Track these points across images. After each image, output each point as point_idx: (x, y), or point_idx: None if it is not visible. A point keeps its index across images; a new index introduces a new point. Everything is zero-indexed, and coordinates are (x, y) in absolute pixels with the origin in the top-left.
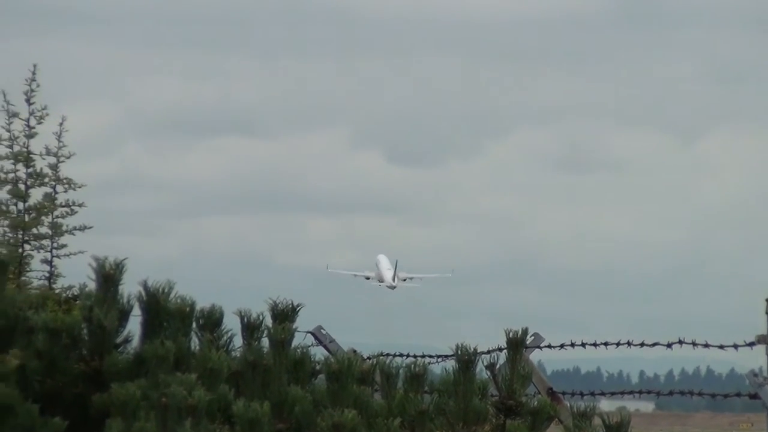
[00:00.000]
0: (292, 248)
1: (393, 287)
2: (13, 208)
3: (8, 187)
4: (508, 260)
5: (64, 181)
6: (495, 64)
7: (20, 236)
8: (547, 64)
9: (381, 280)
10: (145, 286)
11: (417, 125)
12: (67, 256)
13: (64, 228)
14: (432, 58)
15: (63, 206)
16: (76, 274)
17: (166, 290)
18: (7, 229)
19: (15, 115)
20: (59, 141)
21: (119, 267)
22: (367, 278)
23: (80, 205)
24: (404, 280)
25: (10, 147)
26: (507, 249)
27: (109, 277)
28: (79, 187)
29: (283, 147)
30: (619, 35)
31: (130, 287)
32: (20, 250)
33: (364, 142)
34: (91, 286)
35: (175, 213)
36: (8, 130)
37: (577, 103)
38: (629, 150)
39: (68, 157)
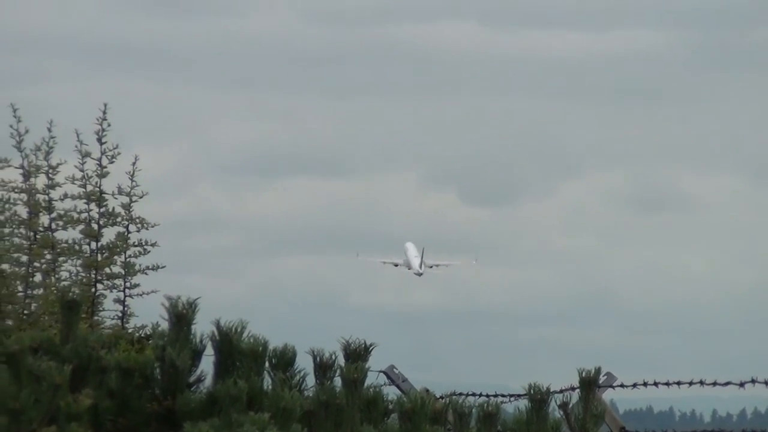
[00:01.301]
0: (365, 288)
1: (420, 274)
2: (85, 247)
3: (81, 226)
4: (581, 299)
5: (137, 220)
6: (567, 102)
7: (93, 276)
8: (620, 102)
9: (409, 267)
10: (217, 325)
11: (491, 165)
12: (140, 295)
13: (136, 267)
14: (505, 97)
15: (136, 245)
16: (148, 313)
17: (238, 329)
18: (79, 269)
19: (87, 154)
20: (132, 180)
21: (192, 306)
22: (396, 265)
23: (153, 245)
24: (431, 267)
25: (83, 186)
26: (580, 288)
27: (181, 316)
28: (152, 227)
29: (358, 187)
30: (692, 74)
31: (202, 327)
32: (93, 290)
33: (438, 182)
34: (164, 325)
35: (248, 252)
36: (81, 170)
37: (650, 142)
38: (703, 189)
39: (141, 197)
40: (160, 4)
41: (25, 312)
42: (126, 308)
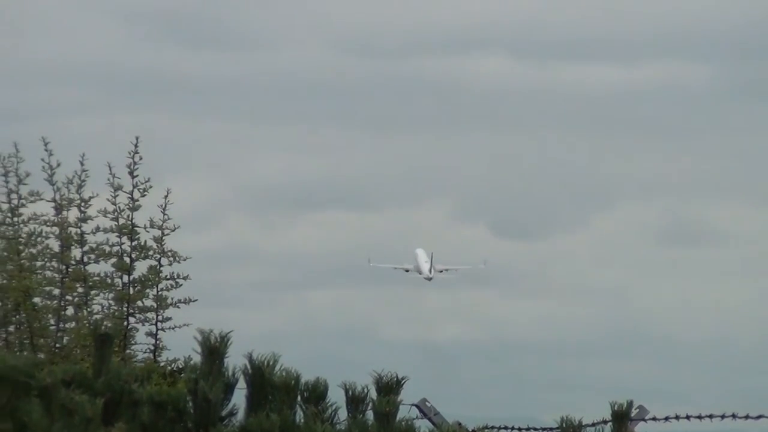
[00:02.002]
0: (396, 321)
1: (430, 278)
2: (117, 280)
3: (113, 260)
4: (612, 332)
5: (169, 253)
6: (598, 135)
7: (125, 309)
8: (651, 134)
9: (419, 272)
10: (250, 358)
11: (521, 198)
12: (172, 329)
13: (168, 301)
14: (534, 130)
15: (168, 279)
16: (180, 346)
17: (271, 363)
18: (112, 302)
19: (119, 187)
20: (164, 213)
21: (224, 340)
22: (407, 270)
23: (185, 278)
24: (440, 271)
25: (115, 220)
26: (611, 321)
27: (214, 349)
28: (184, 260)
29: (389, 220)
30: (725, 106)
31: (235, 360)
32: (125, 323)
33: (469, 214)
34: (196, 358)
35: (280, 285)
36: (113, 203)
37: (683, 175)
38: (736, 223)
39: (173, 230)
40: (191, 37)
41: (58, 345)
42: (158, 341)
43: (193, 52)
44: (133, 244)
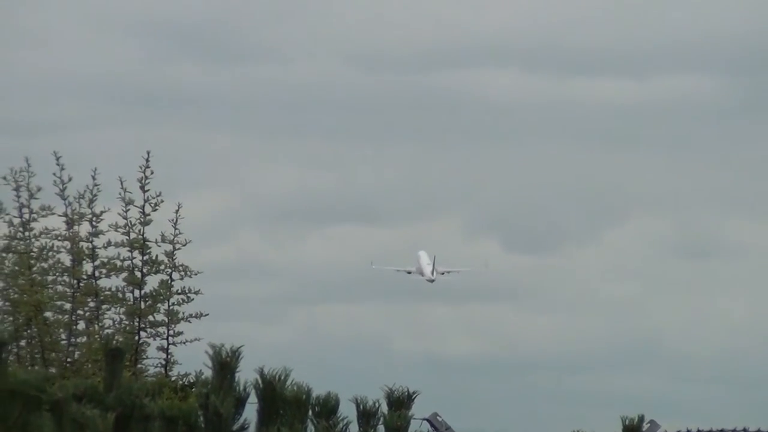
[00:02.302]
0: (408, 335)
1: (432, 281)
2: (129, 295)
3: (124, 274)
4: (624, 346)
5: (180, 268)
6: (611, 149)
7: (136, 323)
8: (665, 149)
9: (421, 274)
10: (261, 373)
11: (534, 212)
12: (183, 343)
13: (180, 315)
14: (548, 144)
15: (179, 293)
16: (192, 361)
17: (282, 377)
18: (123, 317)
19: (131, 202)
20: (175, 228)
21: (235, 354)
22: (409, 272)
23: (196, 293)
24: (442, 273)
25: (127, 234)
26: (623, 335)
27: (225, 364)
28: (195, 274)
29: (401, 234)
30: (738, 120)
31: (246, 374)
32: (136, 338)
33: (481, 229)
34: (208, 373)
35: (291, 300)
36: (124, 218)
37: (696, 189)
38: (750, 237)
39: (184, 245)
40: (203, 51)
41: (69, 360)
42: (169, 356)
43: (205, 66)
44: (145, 258)
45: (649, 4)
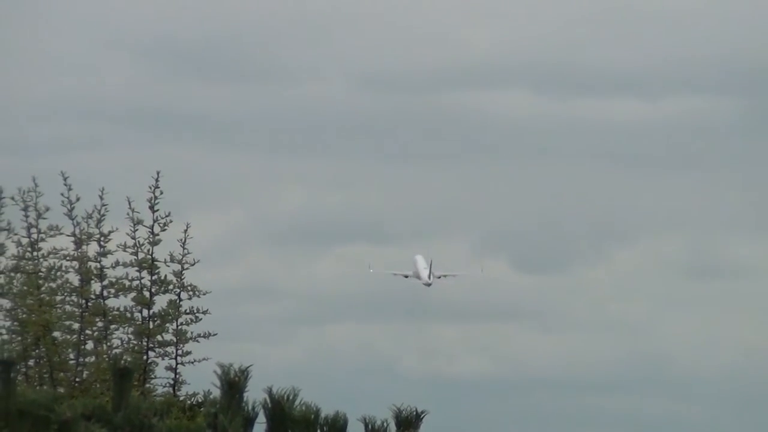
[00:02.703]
0: (416, 355)
1: (429, 284)
2: (137, 315)
3: (133, 294)
4: (633, 367)
5: (189, 288)
6: (620, 169)
7: (145, 343)
8: (673, 169)
9: (418, 278)
10: (270, 392)
11: (542, 232)
12: (192, 363)
13: (188, 335)
14: (557, 164)
15: (187, 313)
16: (200, 380)
17: (291, 397)
18: (131, 336)
19: (139, 222)
20: (184, 248)
21: (244, 374)
22: (406, 276)
23: (205, 312)
24: (438, 277)
25: (135, 254)
26: (632, 355)
27: (233, 384)
28: (204, 294)
29: (409, 254)
30: (746, 140)
31: (255, 394)
32: (144, 357)
33: (489, 249)
34: (216, 393)
35: (300, 319)
36: (133, 238)
37: (704, 209)
38: (759, 257)
39: (193, 264)
40: (211, 71)
41: (77, 379)
42: (178, 376)
43: (215, 86)
44: (153, 278)
45: (659, 25)
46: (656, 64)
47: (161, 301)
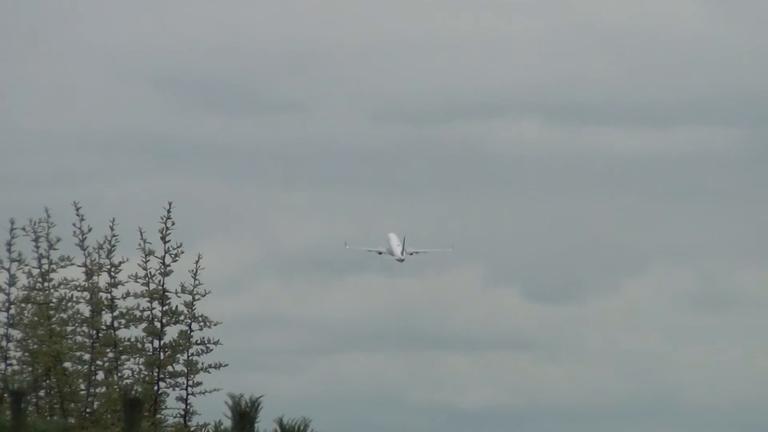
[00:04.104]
0: (426, 385)
1: (402, 260)
2: (148, 345)
3: (144, 325)
4: (644, 398)
5: (200, 318)
6: (631, 199)
7: (155, 374)
8: (683, 199)
9: (392, 254)
10: (280, 423)
11: (554, 262)
12: (203, 393)
13: (199, 366)
14: (567, 194)
15: (198, 344)
16: (211, 411)
17: (301, 427)
18: (142, 367)
19: (151, 252)
20: (195, 279)
21: (255, 404)
22: (380, 253)
23: (216, 343)
24: (411, 254)
25: (146, 285)
26: (643, 387)
27: (244, 414)
28: (215, 325)
29: (420, 284)
30: (759, 171)
31: (265, 425)
32: (155, 388)
33: (501, 279)
34: (227, 423)
35: (311, 349)
36: (144, 268)
37: (716, 240)
38: (767, 288)
39: (204, 295)
40: (224, 103)
41: (88, 410)
42: (188, 406)
43: (226, 118)
44: (164, 309)
45: (670, 57)
46: (667, 94)
47: (172, 332)
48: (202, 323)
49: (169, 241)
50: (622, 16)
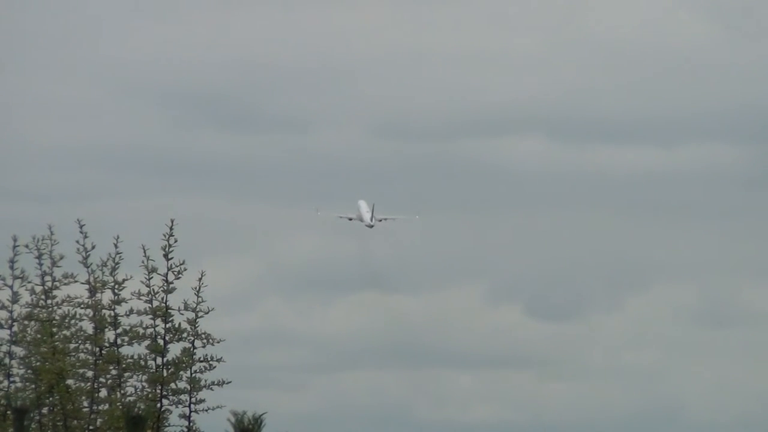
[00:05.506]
0: (429, 403)
1: (371, 226)
2: (151, 363)
3: (147, 342)
4: (647, 415)
5: (203, 336)
6: (634, 217)
7: (158, 391)
8: (687, 217)
9: (361, 220)
10: None
11: (557, 279)
12: (206, 410)
13: (202, 383)
14: (570, 211)
15: (201, 361)
16: (214, 428)
17: None
18: (145, 384)
19: (154, 270)
20: (198, 296)
21: (258, 421)
22: (350, 219)
23: (219, 360)
24: (380, 220)
25: (149, 302)
26: (645, 403)
27: (247, 431)
28: (218, 342)
29: (423, 302)
30: (761, 191)
31: None
32: (158, 405)
33: (504, 297)
34: None
35: (314, 367)
36: (147, 285)
37: (719, 257)
38: None
39: (207, 312)
40: (228, 120)
41: (91, 427)
42: (191, 423)
43: (229, 134)
44: (167, 326)
45: (674, 75)
46: (672, 112)
47: (175, 349)
48: (205, 340)
49: (172, 258)
50: (628, 33)
